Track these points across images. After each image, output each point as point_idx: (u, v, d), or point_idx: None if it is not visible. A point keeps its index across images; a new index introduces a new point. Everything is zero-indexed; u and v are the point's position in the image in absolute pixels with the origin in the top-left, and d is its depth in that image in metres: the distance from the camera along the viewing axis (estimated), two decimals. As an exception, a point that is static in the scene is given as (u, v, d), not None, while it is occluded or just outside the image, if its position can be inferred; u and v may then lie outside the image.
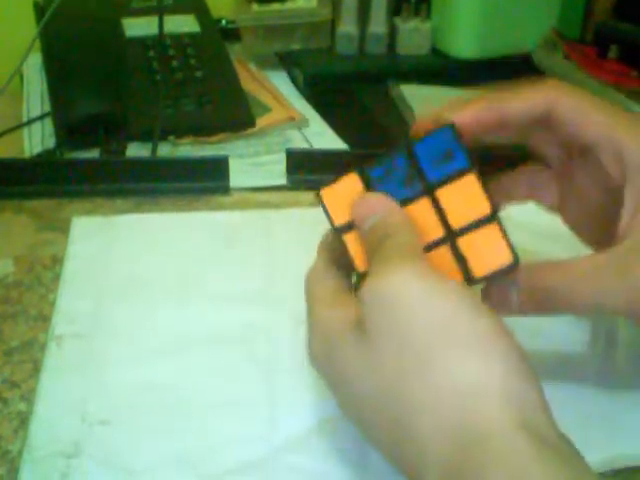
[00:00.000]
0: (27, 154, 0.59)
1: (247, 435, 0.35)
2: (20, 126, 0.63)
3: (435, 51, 0.74)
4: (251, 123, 0.62)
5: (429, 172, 0.31)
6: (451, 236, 0.31)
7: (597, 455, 0.34)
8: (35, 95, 0.68)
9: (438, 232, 0.31)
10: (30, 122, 0.63)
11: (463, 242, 0.31)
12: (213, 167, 0.55)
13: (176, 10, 0.70)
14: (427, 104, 0.67)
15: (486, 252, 0.31)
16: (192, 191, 0.54)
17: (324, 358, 0.31)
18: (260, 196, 0.54)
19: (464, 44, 0.73)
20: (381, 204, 0.31)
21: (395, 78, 0.70)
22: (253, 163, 0.59)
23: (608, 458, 0.34)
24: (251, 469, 0.33)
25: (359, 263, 0.32)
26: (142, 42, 0.66)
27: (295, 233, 0.48)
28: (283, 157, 0.57)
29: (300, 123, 0.64)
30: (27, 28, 0.67)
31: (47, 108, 0.63)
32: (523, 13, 0.72)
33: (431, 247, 0.31)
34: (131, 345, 0.40)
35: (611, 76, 0.67)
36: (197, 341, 0.40)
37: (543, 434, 0.25)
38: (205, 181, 0.55)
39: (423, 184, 0.32)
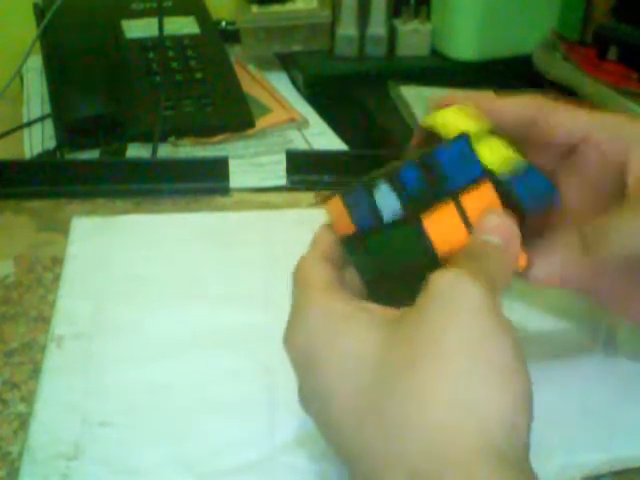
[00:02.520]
0: (27, 155, 0.59)
1: (247, 436, 0.35)
2: (20, 127, 0.63)
3: (435, 53, 0.75)
4: (251, 124, 0.62)
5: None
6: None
7: (597, 456, 0.34)
8: (35, 97, 0.68)
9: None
10: (30, 123, 0.63)
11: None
12: (213, 168, 0.55)
13: (176, 12, 0.69)
14: (427, 105, 0.67)
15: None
16: (192, 192, 0.54)
17: (320, 341, 0.29)
18: (260, 197, 0.55)
19: (464, 46, 0.73)
20: (511, 232, 0.31)
21: (395, 80, 0.71)
22: (253, 164, 0.59)
23: (608, 459, 0.34)
24: (251, 470, 0.33)
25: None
26: (142, 44, 0.66)
27: (295, 234, 0.48)
28: (283, 158, 0.57)
29: (300, 124, 0.64)
30: (27, 30, 0.67)
31: (47, 109, 0.63)
32: (523, 15, 0.72)
33: None
34: (131, 346, 0.40)
35: (611, 77, 0.67)
36: (197, 342, 0.40)
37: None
38: (205, 182, 0.55)
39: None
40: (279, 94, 0.69)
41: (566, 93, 0.68)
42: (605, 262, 0.33)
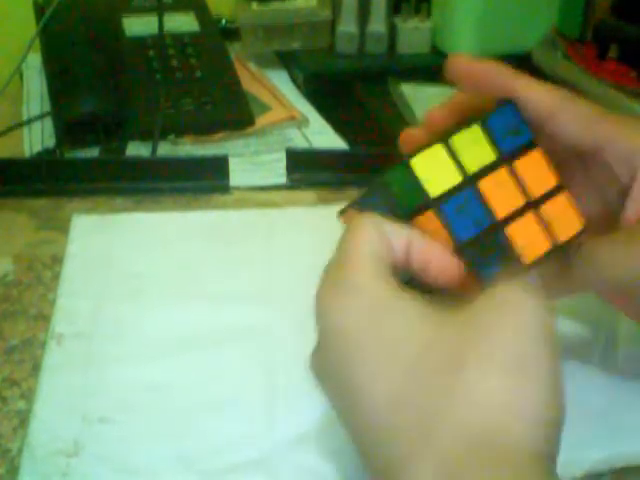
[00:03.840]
0: (27, 153, 0.59)
1: (247, 434, 0.35)
2: (20, 125, 0.63)
3: (435, 50, 0.74)
4: (251, 122, 0.62)
5: (502, 145, 0.32)
6: (534, 204, 0.32)
7: (597, 454, 0.34)
8: (35, 94, 0.68)
9: (519, 200, 0.32)
10: (30, 121, 0.63)
11: (544, 211, 0.33)
12: (213, 166, 0.55)
13: (176, 9, 0.70)
14: (427, 103, 0.67)
15: (561, 220, 0.33)
16: (192, 190, 0.54)
17: (362, 322, 0.28)
18: (260, 195, 0.55)
19: (464, 43, 0.73)
20: None
21: (395, 77, 0.70)
22: (253, 162, 0.59)
23: (608, 457, 0.34)
24: (251, 468, 0.33)
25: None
26: (142, 41, 0.66)
27: (295, 232, 0.48)
28: (283, 156, 0.57)
29: (300, 122, 0.64)
30: (27, 28, 0.67)
31: (47, 107, 0.63)
32: (523, 12, 0.72)
33: (515, 215, 0.32)
34: (131, 344, 0.40)
35: (610, 76, 0.67)
36: (197, 340, 0.40)
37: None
38: (205, 180, 0.55)
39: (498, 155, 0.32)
40: (279, 92, 0.69)
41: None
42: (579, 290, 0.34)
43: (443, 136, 0.32)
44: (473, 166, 0.32)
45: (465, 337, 0.27)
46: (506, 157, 0.32)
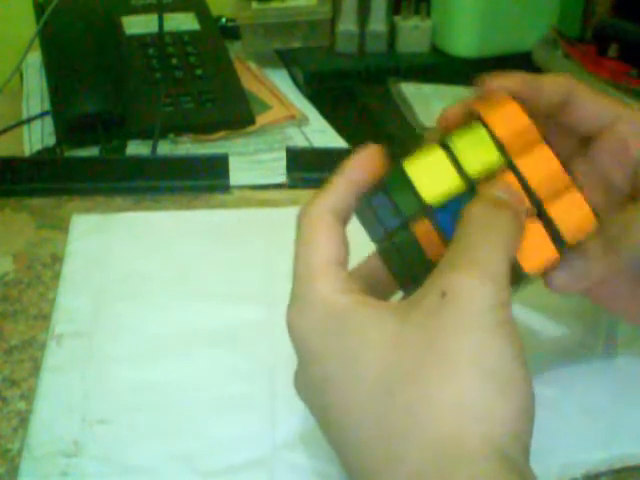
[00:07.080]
0: (27, 152, 0.59)
1: (247, 433, 0.35)
2: (20, 124, 0.63)
3: (435, 49, 0.74)
4: (251, 121, 0.62)
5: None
6: (539, 206, 0.30)
7: (597, 454, 0.34)
8: (35, 93, 0.67)
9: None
10: (30, 120, 0.63)
11: (551, 211, 0.30)
12: (213, 165, 0.55)
13: (176, 8, 0.69)
14: (427, 102, 0.67)
15: (572, 219, 0.30)
16: (192, 189, 0.54)
17: (322, 335, 0.29)
18: (260, 194, 0.55)
19: (464, 42, 0.73)
20: (518, 194, 0.30)
21: (395, 76, 0.70)
22: (253, 161, 0.59)
23: (608, 458, 0.34)
24: (251, 467, 0.33)
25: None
26: (142, 40, 0.66)
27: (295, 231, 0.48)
28: (283, 155, 0.57)
29: (300, 121, 0.64)
30: (27, 26, 0.67)
31: (47, 106, 0.63)
32: (523, 11, 0.72)
33: None
34: (131, 344, 0.40)
35: (610, 75, 0.67)
36: (197, 339, 0.40)
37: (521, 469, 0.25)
38: (205, 179, 0.55)
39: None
40: (279, 91, 0.69)
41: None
42: (627, 260, 0.32)
43: (441, 137, 0.31)
44: (475, 170, 0.30)
45: (421, 345, 0.27)
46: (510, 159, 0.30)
